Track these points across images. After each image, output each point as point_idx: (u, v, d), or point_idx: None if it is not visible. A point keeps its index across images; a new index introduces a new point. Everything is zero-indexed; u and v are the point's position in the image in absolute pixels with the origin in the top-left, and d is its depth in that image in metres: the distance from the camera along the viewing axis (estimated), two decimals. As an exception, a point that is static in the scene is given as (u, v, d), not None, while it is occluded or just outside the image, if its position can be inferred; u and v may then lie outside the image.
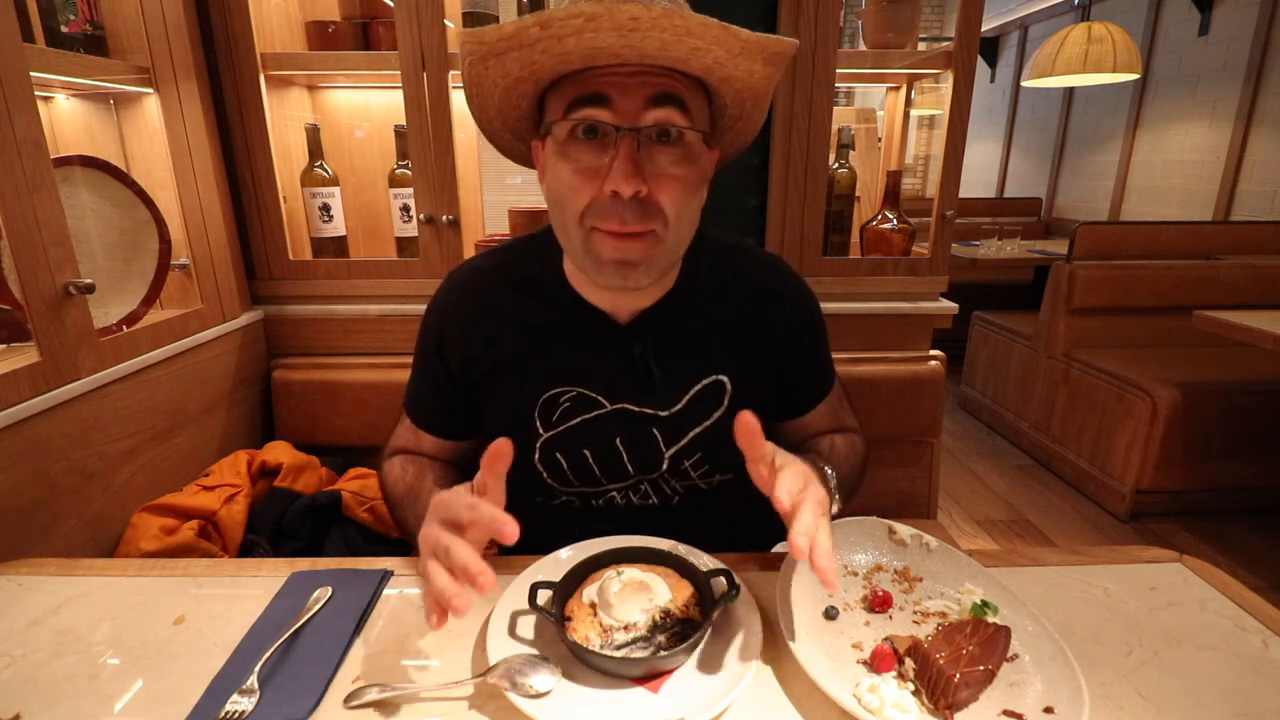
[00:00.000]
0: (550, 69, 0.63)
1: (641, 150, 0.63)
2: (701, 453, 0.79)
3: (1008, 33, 5.11)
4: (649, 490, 0.81)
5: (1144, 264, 2.59)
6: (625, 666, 0.55)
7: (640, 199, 0.63)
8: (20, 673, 0.57)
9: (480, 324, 0.79)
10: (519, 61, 0.61)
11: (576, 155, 0.64)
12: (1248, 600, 0.67)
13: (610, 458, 0.78)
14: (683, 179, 0.65)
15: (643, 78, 0.62)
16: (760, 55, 0.62)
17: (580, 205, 0.65)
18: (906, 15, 1.34)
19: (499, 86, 0.65)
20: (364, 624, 0.64)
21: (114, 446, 1.01)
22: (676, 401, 0.77)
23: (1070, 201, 4.49)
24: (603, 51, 0.59)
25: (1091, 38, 2.74)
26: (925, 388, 1.33)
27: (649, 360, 0.76)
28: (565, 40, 0.57)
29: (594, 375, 0.77)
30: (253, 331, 1.34)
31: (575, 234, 0.67)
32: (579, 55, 0.60)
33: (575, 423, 0.77)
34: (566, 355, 0.77)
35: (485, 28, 0.58)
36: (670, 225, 0.66)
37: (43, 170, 0.87)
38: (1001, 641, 0.56)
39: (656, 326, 0.77)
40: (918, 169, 5.75)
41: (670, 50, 0.59)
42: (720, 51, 0.60)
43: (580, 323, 0.77)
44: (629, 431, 0.78)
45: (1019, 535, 2.30)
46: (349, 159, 1.51)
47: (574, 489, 0.81)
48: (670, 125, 0.63)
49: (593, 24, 0.55)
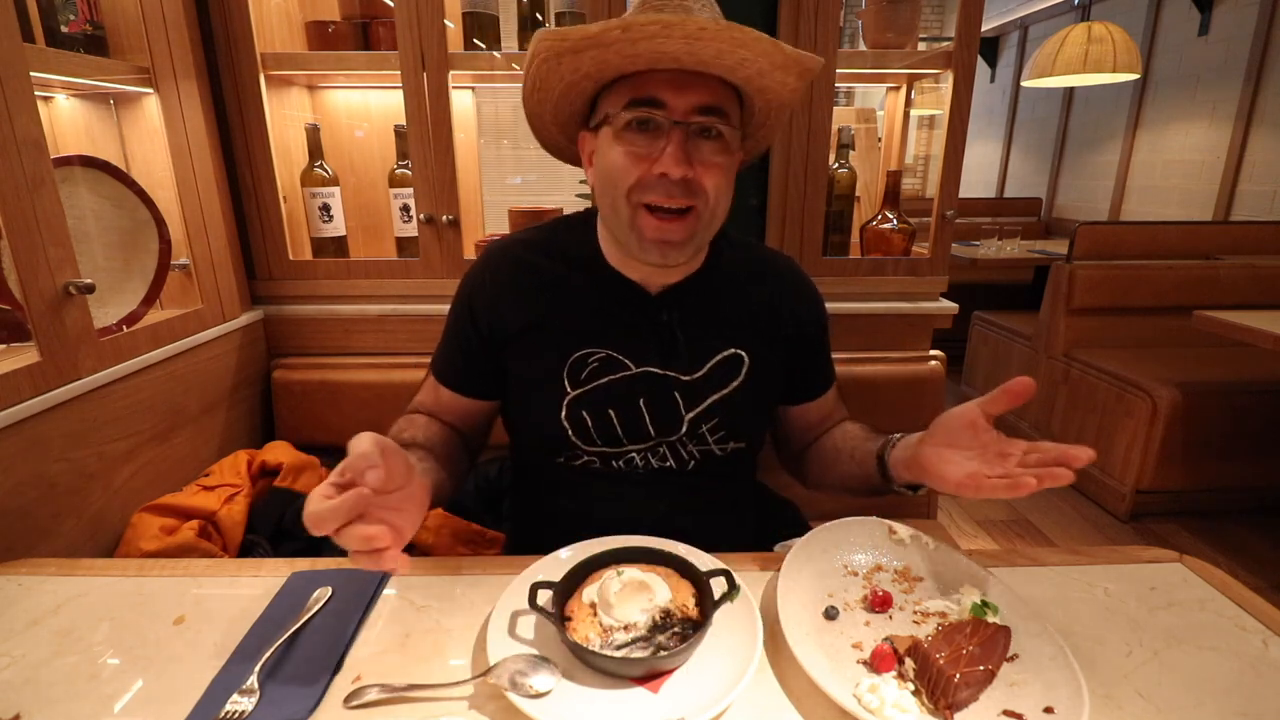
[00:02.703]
0: (617, 68, 0.70)
1: (688, 142, 0.71)
2: (718, 418, 0.84)
3: (1008, 33, 5.11)
4: (667, 453, 0.85)
5: (1144, 264, 2.59)
6: (625, 666, 0.55)
7: (685, 180, 0.71)
8: (20, 673, 0.57)
9: (515, 288, 0.84)
10: (593, 59, 0.68)
11: (631, 141, 0.72)
12: (1248, 600, 0.67)
13: (633, 418, 0.83)
14: (722, 165, 0.74)
15: (694, 83, 0.70)
16: (795, 69, 0.70)
17: (630, 182, 0.72)
18: (906, 15, 1.34)
19: (564, 82, 0.73)
20: (364, 624, 0.64)
21: (114, 446, 1.01)
22: (699, 368, 0.83)
23: (1070, 201, 4.49)
24: (666, 56, 0.66)
25: (1091, 38, 2.74)
26: (925, 388, 1.33)
27: (675, 328, 0.82)
28: (639, 44, 0.64)
29: (622, 339, 0.82)
30: (253, 331, 1.34)
31: (624, 210, 0.74)
32: (647, 57, 0.67)
33: (603, 382, 0.82)
34: (597, 319, 0.83)
35: (568, 28, 0.65)
36: (709, 204, 0.74)
37: (43, 170, 0.87)
38: (1001, 641, 0.56)
39: (684, 299, 0.83)
40: (918, 169, 5.75)
41: (724, 59, 0.66)
42: (764, 63, 0.68)
43: (612, 290, 0.83)
44: (652, 393, 0.82)
45: (1019, 535, 2.30)
46: (349, 159, 1.51)
47: (596, 449, 0.84)
48: (714, 126, 0.72)
49: (668, 30, 0.62)
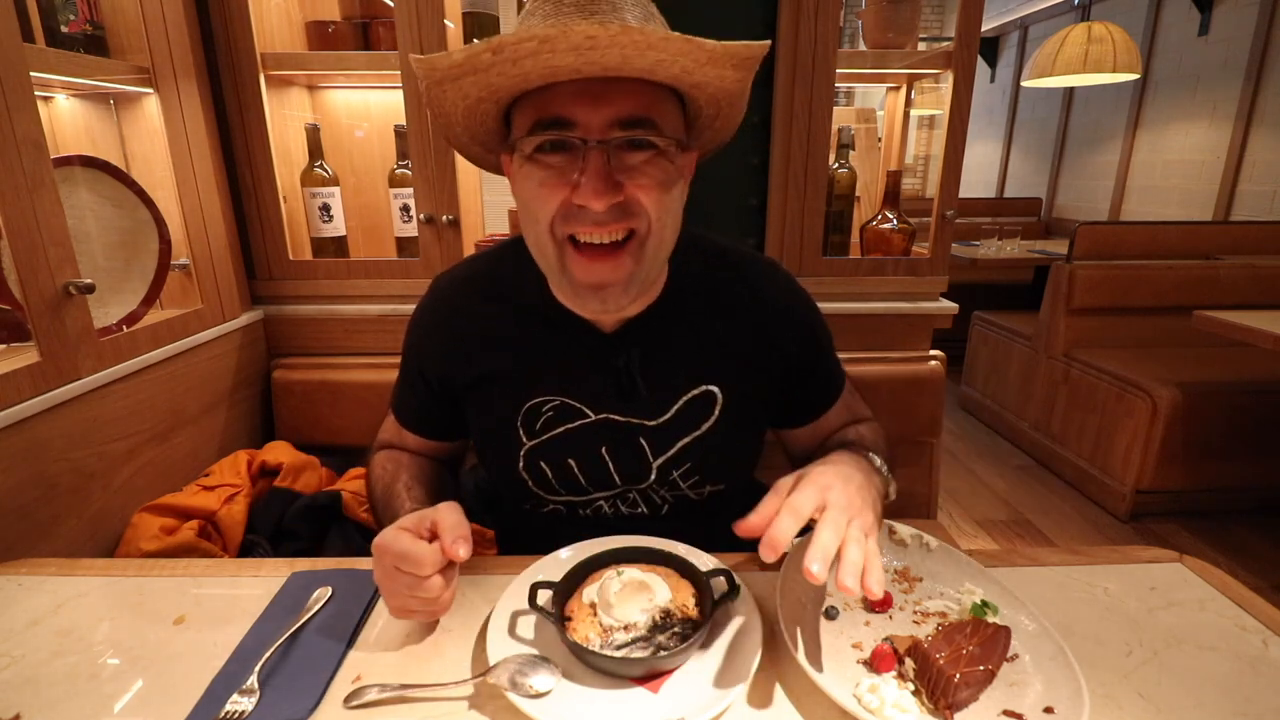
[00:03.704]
0: (510, 89, 0.61)
1: (612, 160, 0.61)
2: (691, 463, 0.77)
3: (1008, 33, 5.11)
4: (638, 499, 0.80)
5: (1144, 264, 2.60)
6: (625, 666, 0.55)
7: (617, 206, 0.61)
8: (20, 673, 0.57)
9: (459, 341, 0.78)
10: (476, 84, 0.59)
11: (545, 165, 0.62)
12: (1248, 600, 0.67)
13: (596, 467, 0.77)
14: (660, 179, 0.63)
15: (609, 92, 0.60)
16: (729, 62, 0.59)
17: (550, 213, 0.63)
18: (906, 15, 1.34)
19: (459, 107, 0.64)
20: (364, 624, 0.64)
21: (114, 446, 1.01)
22: (665, 411, 0.76)
23: (1070, 201, 4.49)
24: (562, 69, 0.57)
25: (1091, 38, 2.74)
26: (925, 388, 1.33)
27: (634, 373, 0.74)
28: (521, 63, 0.55)
29: (577, 385, 0.75)
30: (253, 331, 1.34)
31: (549, 248, 0.65)
32: (538, 75, 0.58)
33: (559, 432, 0.76)
34: (549, 365, 0.76)
35: (436, 55, 0.56)
36: (652, 224, 0.64)
37: (43, 170, 0.87)
38: (1001, 641, 0.56)
39: (643, 336, 0.75)
40: (918, 169, 5.76)
41: (633, 63, 0.56)
42: (686, 61, 0.57)
43: (563, 330, 0.75)
44: (614, 441, 0.76)
45: (1019, 535, 2.30)
46: (349, 159, 1.51)
47: (560, 498, 0.80)
48: (641, 139, 0.62)
49: (547, 45, 0.53)
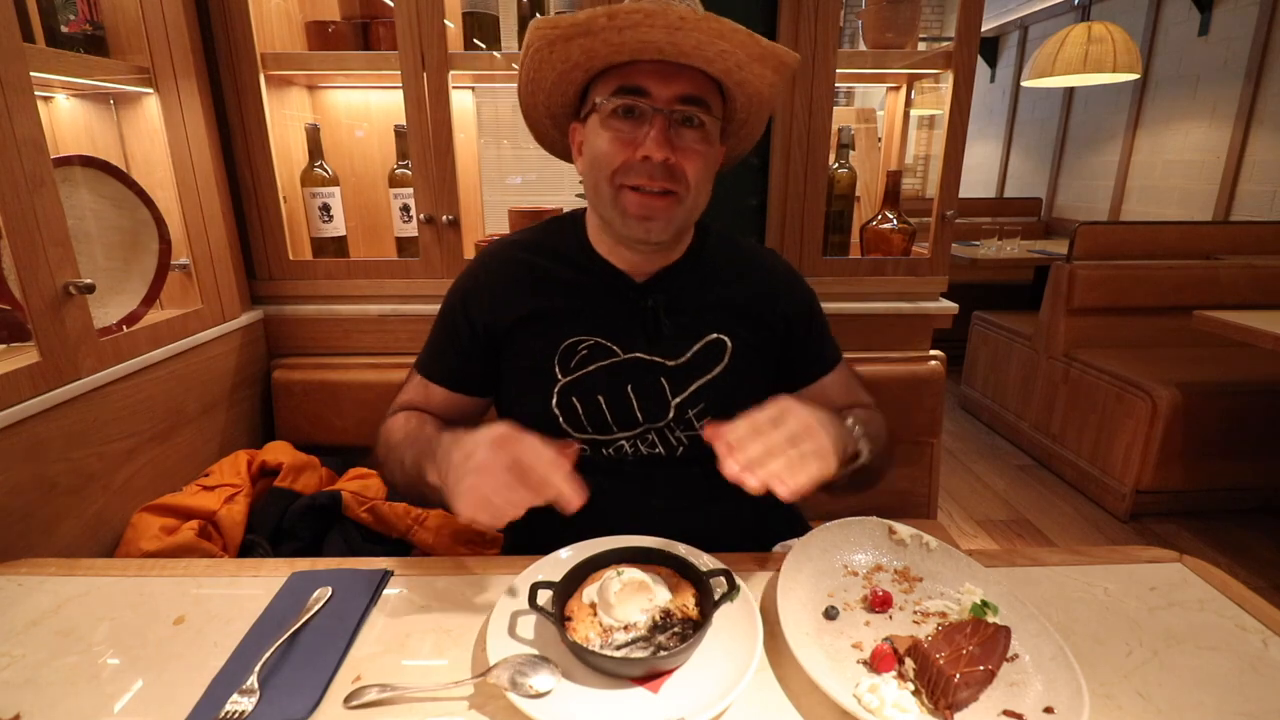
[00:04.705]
0: (604, 57, 0.75)
1: (671, 129, 0.75)
2: (704, 403, 0.86)
3: (1008, 33, 5.11)
4: (656, 439, 0.86)
5: (1144, 264, 2.59)
6: (625, 666, 0.56)
7: (667, 165, 0.75)
8: (20, 673, 0.57)
9: (509, 284, 0.87)
10: (582, 48, 0.73)
11: (617, 127, 0.76)
12: (1248, 600, 0.67)
13: (621, 404, 0.85)
14: (703, 153, 0.78)
15: (677, 75, 0.74)
16: (772, 62, 0.74)
17: (614, 165, 0.76)
18: (906, 15, 1.34)
19: (556, 72, 0.77)
20: (364, 624, 0.64)
21: (114, 446, 1.01)
22: (683, 353, 0.86)
23: (1070, 201, 4.48)
24: (649, 46, 0.71)
25: (1091, 38, 2.74)
26: (925, 388, 1.33)
27: (659, 313, 0.85)
28: (624, 32, 0.69)
29: (610, 325, 0.85)
30: (253, 331, 1.34)
31: (606, 191, 0.78)
32: (631, 47, 0.72)
33: (592, 369, 0.84)
34: (586, 307, 0.85)
35: (560, 15, 0.69)
36: (690, 190, 0.78)
37: (43, 170, 0.87)
38: (1001, 641, 0.56)
39: (668, 285, 0.87)
40: (918, 169, 5.75)
41: (704, 50, 0.71)
42: (742, 55, 0.72)
43: (600, 278, 0.86)
44: (639, 379, 0.85)
45: (1019, 535, 2.30)
46: (349, 159, 1.51)
47: (586, 435, 0.85)
48: (695, 115, 0.76)
49: (649, 19, 0.67)
